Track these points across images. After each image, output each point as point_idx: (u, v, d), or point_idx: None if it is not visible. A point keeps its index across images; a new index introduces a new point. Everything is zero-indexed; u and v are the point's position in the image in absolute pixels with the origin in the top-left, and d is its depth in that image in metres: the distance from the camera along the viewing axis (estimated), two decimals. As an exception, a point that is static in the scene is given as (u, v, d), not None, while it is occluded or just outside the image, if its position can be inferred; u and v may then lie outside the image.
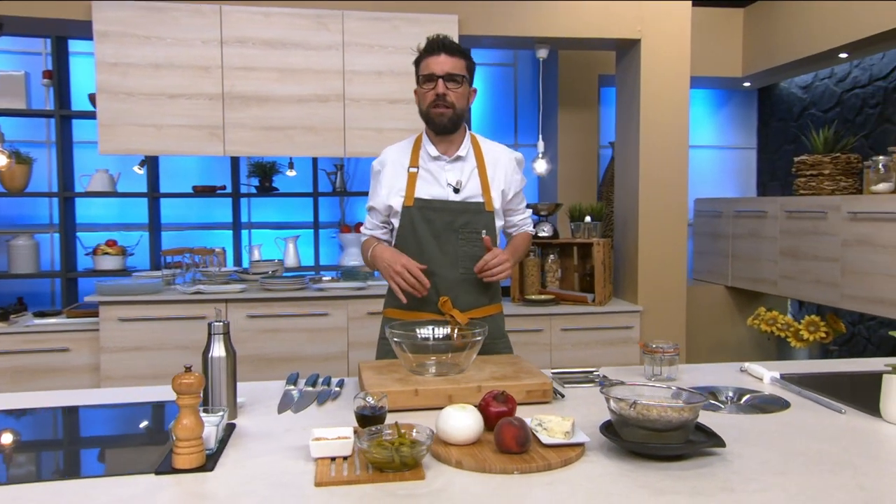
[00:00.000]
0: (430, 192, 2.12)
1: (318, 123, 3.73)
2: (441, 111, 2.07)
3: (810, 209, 4.16)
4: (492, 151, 2.20)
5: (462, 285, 2.11)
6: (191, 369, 1.31)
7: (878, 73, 4.50)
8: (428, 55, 2.09)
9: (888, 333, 3.54)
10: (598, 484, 1.21)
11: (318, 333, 3.67)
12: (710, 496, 1.15)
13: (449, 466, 1.29)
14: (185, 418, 1.29)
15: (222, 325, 1.60)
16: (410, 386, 1.65)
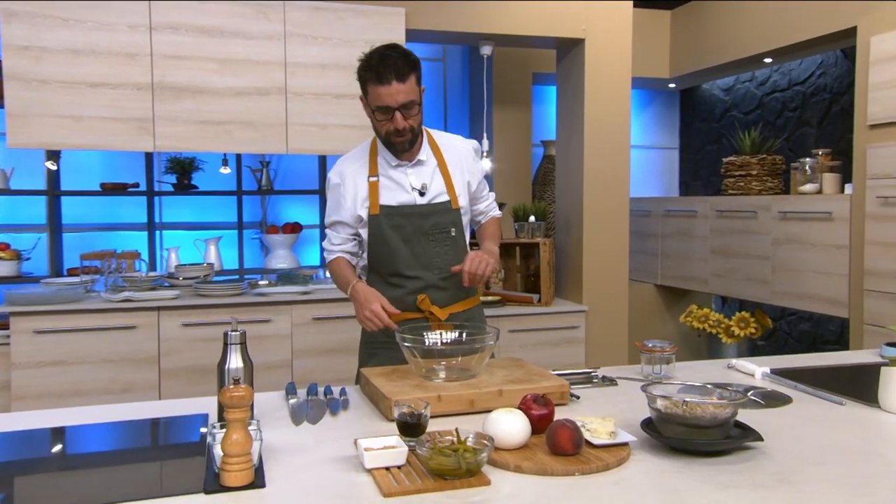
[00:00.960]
0: (395, 198, 2.14)
1: (258, 118, 3.65)
2: (402, 139, 2.08)
3: (741, 209, 4.46)
4: (450, 147, 2.23)
5: (438, 284, 2.16)
6: (239, 382, 1.28)
7: (797, 77, 4.88)
8: (378, 84, 1.98)
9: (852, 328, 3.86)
10: (661, 481, 1.29)
11: (259, 342, 3.59)
12: (772, 488, 1.25)
13: (507, 471, 1.33)
14: (235, 433, 1.27)
15: (239, 334, 1.57)
16: (430, 392, 1.68)
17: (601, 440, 1.41)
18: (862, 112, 3.68)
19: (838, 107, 4.58)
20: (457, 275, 2.15)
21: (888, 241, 3.51)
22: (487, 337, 1.74)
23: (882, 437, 1.54)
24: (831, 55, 4.62)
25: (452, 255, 2.18)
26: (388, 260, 2.16)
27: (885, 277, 3.53)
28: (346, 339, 3.68)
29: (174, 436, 1.65)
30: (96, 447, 1.58)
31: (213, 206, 4.80)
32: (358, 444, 1.38)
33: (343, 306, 3.67)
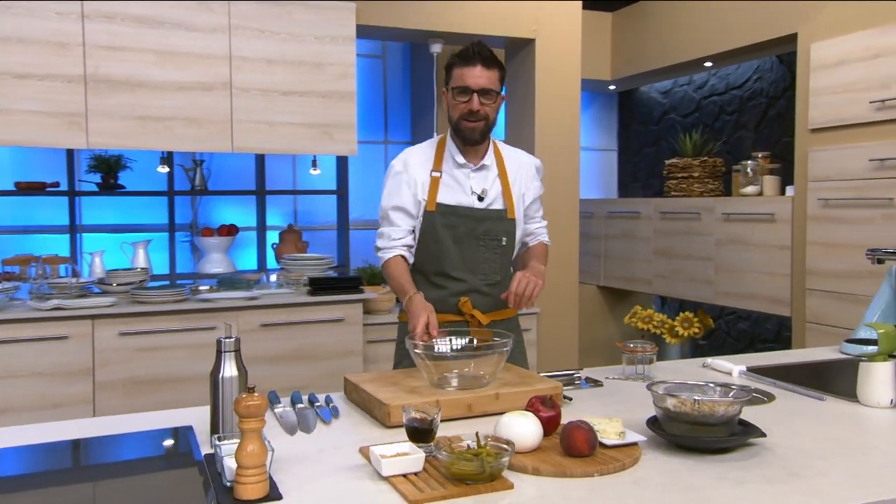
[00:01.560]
0: (454, 198, 2.20)
1: (201, 114, 3.56)
2: (473, 125, 2.15)
3: (685, 210, 4.64)
4: (513, 158, 2.31)
5: (482, 290, 2.21)
6: (253, 391, 1.26)
7: (734, 82, 5.11)
8: (463, 64, 2.11)
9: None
10: (677, 479, 1.34)
11: (203, 350, 3.50)
12: (784, 483, 1.32)
13: (525, 474, 1.36)
14: (251, 444, 1.24)
15: (233, 341, 1.54)
16: (426, 397, 1.68)
17: (612, 440, 1.45)
18: (803, 117, 3.89)
19: (774, 111, 4.83)
20: (500, 284, 2.21)
21: (829, 241, 3.72)
22: (501, 343, 1.75)
23: (871, 431, 1.64)
24: (767, 61, 4.86)
25: (500, 263, 2.24)
26: (436, 259, 2.20)
27: (827, 277, 3.74)
28: (296, 346, 3.63)
29: (159, 450, 1.59)
30: (78, 463, 1.52)
31: (139, 208, 4.64)
32: (371, 452, 1.38)
33: (293, 312, 3.62)
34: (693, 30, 4.75)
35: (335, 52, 3.75)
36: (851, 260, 3.61)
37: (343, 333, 3.71)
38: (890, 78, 3.43)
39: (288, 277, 3.92)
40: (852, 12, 3.66)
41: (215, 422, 1.51)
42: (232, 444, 1.35)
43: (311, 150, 3.77)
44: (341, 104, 3.77)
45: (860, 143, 3.57)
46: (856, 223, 3.59)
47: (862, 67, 3.55)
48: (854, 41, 3.58)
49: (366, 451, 1.47)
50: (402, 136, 5.56)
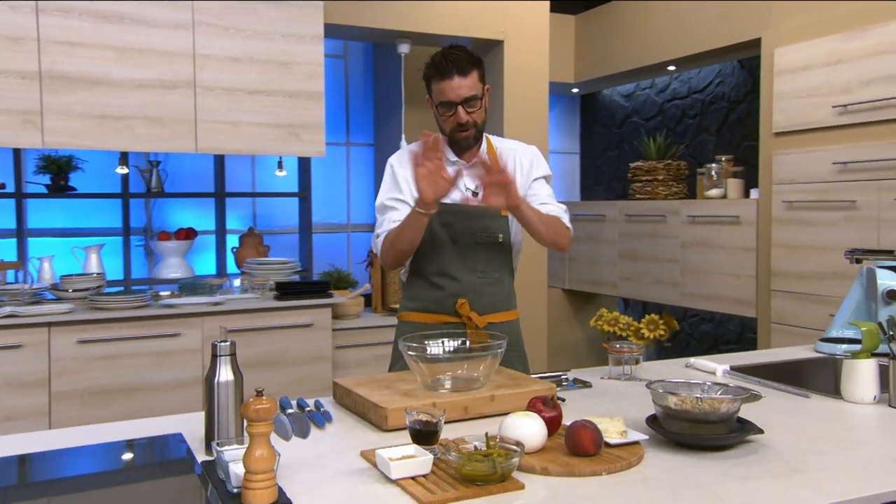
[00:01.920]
0: (449, 196, 2.16)
1: (164, 113, 3.50)
2: (465, 134, 2.16)
3: (651, 213, 4.73)
4: (507, 151, 2.30)
5: (479, 289, 2.21)
6: (262, 394, 1.25)
7: (696, 86, 5.24)
8: (440, 78, 2.10)
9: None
10: (683, 476, 1.37)
11: (167, 357, 3.44)
12: (788, 478, 1.36)
13: (533, 474, 1.37)
14: (259, 448, 1.23)
15: (229, 345, 1.52)
16: (421, 399, 1.69)
17: (615, 440, 1.48)
18: (767, 120, 4.01)
19: (736, 115, 4.96)
20: (499, 282, 2.21)
21: (794, 243, 3.84)
22: (494, 345, 1.77)
23: (859, 426, 1.71)
24: (729, 65, 5.00)
25: (498, 261, 2.25)
26: (432, 257, 2.20)
27: (791, 278, 3.86)
28: (263, 353, 3.59)
29: (154, 457, 1.57)
30: (69, 472, 1.48)
31: (90, 211, 4.54)
32: (377, 455, 1.38)
33: (260, 317, 3.58)
34: (657, 33, 4.85)
35: (303, 50, 3.72)
36: (816, 261, 3.73)
37: (311, 339, 3.68)
38: (852, 83, 3.56)
39: (252, 282, 3.88)
40: (815, 18, 3.79)
41: (210, 428, 1.49)
42: (235, 449, 1.34)
43: (278, 151, 3.74)
44: (309, 104, 3.74)
45: (824, 146, 3.70)
46: (820, 225, 3.71)
47: (825, 73, 3.68)
48: (817, 47, 3.71)
49: (368, 455, 1.47)
50: (364, 137, 5.54)
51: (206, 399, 1.50)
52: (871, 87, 3.48)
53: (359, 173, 5.63)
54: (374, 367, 3.87)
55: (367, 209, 5.65)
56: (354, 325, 3.89)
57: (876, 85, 3.46)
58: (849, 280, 3.55)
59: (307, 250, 4.98)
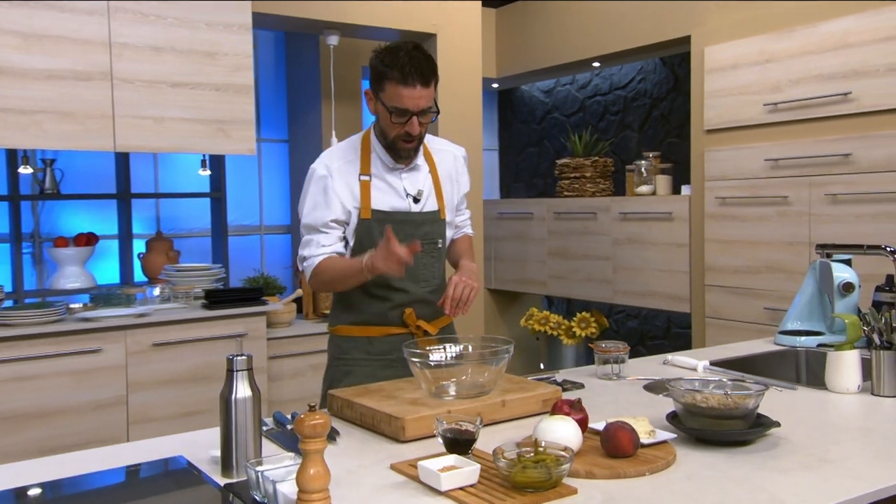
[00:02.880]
0: (388, 202, 2.14)
1: (77, 108, 3.32)
2: (409, 146, 2.10)
3: (580, 210, 4.88)
4: (441, 152, 2.27)
5: (424, 298, 2.18)
6: (315, 408, 1.22)
7: (618, 82, 5.45)
8: (401, 83, 1.98)
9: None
10: (723, 471, 1.44)
11: (89, 376, 3.27)
12: (820, 468, 1.45)
13: (579, 478, 1.41)
14: (314, 466, 1.21)
15: (245, 359, 1.48)
16: (435, 409, 1.69)
17: (647, 440, 1.54)
18: (698, 118, 4.22)
19: (658, 112, 5.19)
20: (440, 289, 2.17)
21: (727, 238, 4.07)
22: (503, 350, 1.78)
23: (857, 415, 1.84)
24: (650, 62, 5.22)
25: (438, 267, 2.22)
26: None
27: (725, 273, 4.08)
28: (193, 367, 3.46)
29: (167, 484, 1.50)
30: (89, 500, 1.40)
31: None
32: (421, 467, 1.38)
33: (189, 328, 3.45)
34: (582, 30, 5.01)
35: (229, 40, 3.62)
36: (749, 256, 3.96)
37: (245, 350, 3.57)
38: (781, 82, 3.81)
39: (175, 290, 3.74)
40: (745, 18, 4.02)
41: (228, 447, 1.44)
42: (276, 468, 1.30)
43: (206, 149, 3.62)
44: (238, 98, 3.64)
45: (755, 143, 3.93)
46: (752, 221, 3.95)
47: (755, 71, 3.91)
48: (747, 45, 3.94)
49: (400, 467, 1.47)
50: (277, 133, 5.44)
51: (222, 417, 1.45)
52: (801, 86, 3.73)
53: (272, 172, 5.51)
54: (311, 378, 3.81)
55: (281, 210, 5.54)
56: (287, 333, 3.81)
57: (805, 84, 3.71)
58: (782, 274, 3.81)
59: (223, 255, 4.84)
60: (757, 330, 3.87)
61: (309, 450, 1.21)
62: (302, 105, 5.10)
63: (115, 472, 1.48)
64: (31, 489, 1.40)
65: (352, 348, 2.21)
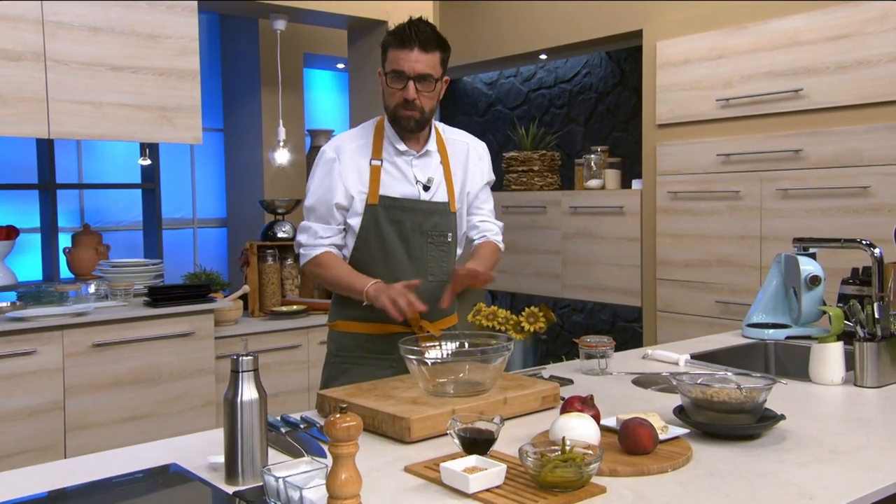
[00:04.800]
0: (397, 189, 2.11)
1: (7, 90, 3.12)
2: (409, 114, 2.06)
3: (529, 204, 4.91)
4: (455, 142, 2.24)
5: (430, 294, 2.11)
6: (346, 410, 1.17)
7: (563, 75, 5.49)
8: (398, 47, 2.01)
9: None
10: (744, 466, 1.45)
11: (23, 380, 3.08)
12: (836, 461, 1.48)
13: (603, 476, 1.39)
14: (345, 471, 1.16)
15: (251, 360, 1.40)
16: (440, 409, 1.65)
17: (662, 435, 1.54)
18: (650, 112, 4.29)
19: (604, 106, 5.26)
20: (446, 286, 2.10)
21: (678, 232, 4.15)
22: (503, 347, 1.76)
23: (849, 405, 1.90)
24: (596, 56, 5.28)
25: (447, 263, 2.17)
26: (379, 259, 2.10)
27: (676, 266, 4.17)
28: (135, 368, 3.31)
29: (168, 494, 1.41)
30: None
31: None
32: (444, 468, 1.34)
33: (131, 327, 3.30)
34: (529, 22, 5.02)
35: (174, 22, 3.47)
36: (700, 249, 4.05)
37: (190, 350, 3.45)
38: (733, 77, 3.90)
39: (112, 287, 3.57)
40: (696, 13, 4.10)
41: (233, 453, 1.37)
42: (297, 473, 1.24)
43: (148, 137, 3.46)
44: (182, 84, 3.50)
45: (707, 138, 4.02)
46: (704, 215, 4.04)
47: (707, 66, 4.00)
48: (699, 41, 4.03)
49: (415, 469, 1.43)
50: (211, 122, 5.28)
51: (227, 421, 1.38)
52: (752, 82, 3.83)
53: (206, 162, 5.35)
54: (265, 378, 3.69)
55: (216, 202, 5.38)
56: (234, 331, 3.69)
57: (756, 80, 3.81)
58: (733, 267, 3.91)
59: (156, 249, 4.67)
60: (708, 323, 3.97)
61: (341, 454, 1.16)
62: (239, 93, 4.96)
63: (103, 482, 1.39)
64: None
65: (352, 345, 2.17)
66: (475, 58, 5.41)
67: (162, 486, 1.42)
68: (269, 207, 4.09)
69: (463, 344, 1.89)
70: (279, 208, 4.07)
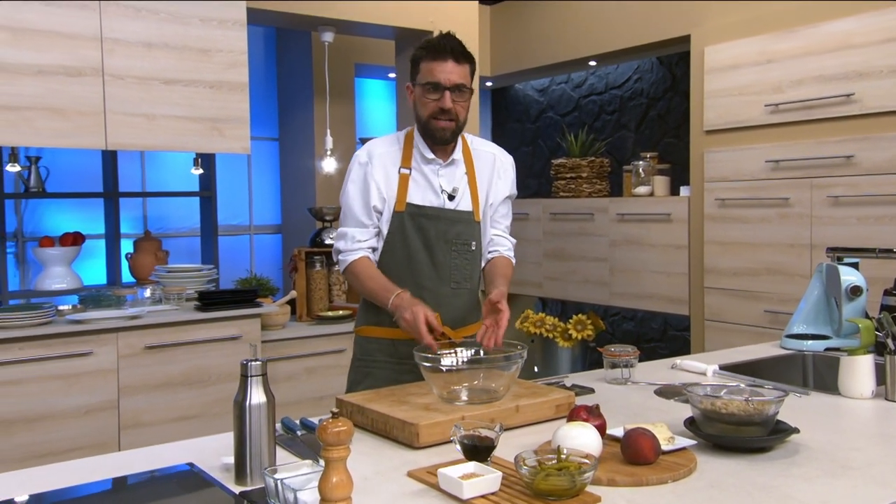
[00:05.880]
0: (423, 197, 2.16)
1: (68, 104, 3.28)
2: (445, 125, 2.12)
3: (577, 211, 4.89)
4: (481, 153, 2.28)
5: (451, 301, 2.16)
6: (338, 415, 1.21)
7: (614, 81, 5.45)
8: (433, 59, 2.08)
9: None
10: (748, 479, 1.44)
11: (79, 380, 3.23)
12: (845, 476, 1.45)
13: (601, 486, 1.40)
14: (336, 474, 1.20)
15: (260, 364, 1.46)
16: (450, 415, 1.68)
17: (667, 446, 1.53)
18: (698, 118, 4.23)
19: (655, 112, 5.20)
20: (470, 293, 2.21)
21: (726, 240, 4.08)
22: (516, 355, 1.78)
23: (873, 420, 1.85)
24: (647, 62, 5.23)
25: (471, 270, 2.22)
26: (403, 265, 2.15)
27: (724, 275, 4.10)
28: (186, 370, 3.43)
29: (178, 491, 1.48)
30: None
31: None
32: (441, 474, 1.37)
33: (182, 331, 3.42)
34: (579, 28, 5.01)
35: (224, 37, 3.59)
36: (748, 258, 3.98)
37: (238, 353, 3.55)
38: (782, 82, 3.83)
39: (167, 292, 3.70)
40: (745, 17, 4.04)
41: (242, 454, 1.42)
42: (296, 476, 1.29)
43: (199, 147, 3.59)
44: (232, 96, 3.61)
45: (756, 144, 3.95)
46: (752, 222, 3.96)
47: (755, 71, 3.93)
48: (747, 46, 3.96)
49: (418, 475, 1.46)
50: (267, 131, 5.42)
51: (236, 424, 1.43)
52: (802, 87, 3.75)
53: (261, 171, 5.49)
54: (306, 381, 3.79)
55: (272, 209, 5.52)
56: (281, 336, 3.79)
57: (806, 85, 3.73)
58: (782, 276, 3.83)
59: (212, 255, 4.81)
60: (757, 333, 3.89)
61: (332, 457, 1.20)
62: (293, 103, 5.08)
63: (120, 480, 1.46)
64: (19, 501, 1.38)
65: (375, 350, 2.22)
66: (524, 65, 5.42)
67: (175, 484, 1.48)
68: (318, 215, 4.18)
69: (478, 351, 1.91)
70: (327, 215, 4.16)
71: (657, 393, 2.10)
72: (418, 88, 2.14)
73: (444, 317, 2.11)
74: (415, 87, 2.16)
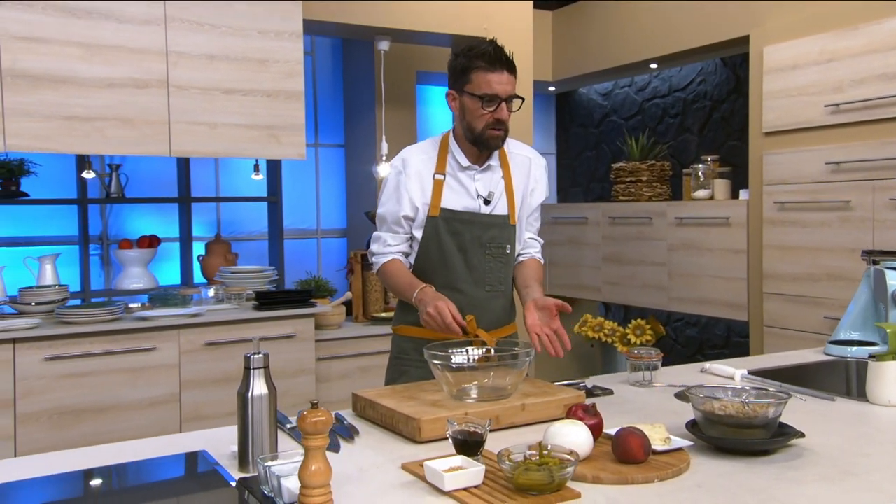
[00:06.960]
0: (458, 202, 2.20)
1: (135, 114, 3.46)
2: (498, 134, 2.15)
3: (636, 215, 4.83)
4: (517, 156, 2.30)
5: (487, 304, 2.21)
6: (317, 406, 1.27)
7: (677, 84, 5.37)
8: (488, 70, 2.09)
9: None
10: (737, 480, 1.42)
11: (142, 373, 3.40)
12: (843, 481, 1.42)
13: (585, 483, 1.41)
14: (315, 462, 1.25)
15: (262, 357, 1.53)
16: (452, 410, 1.71)
17: (661, 446, 1.53)
18: (757, 120, 4.13)
19: (718, 114, 5.10)
20: (504, 296, 2.27)
21: (786, 244, 3.97)
22: (523, 354, 1.80)
23: (891, 428, 1.79)
24: (710, 63, 5.13)
25: (504, 273, 2.25)
26: (438, 269, 2.20)
27: (784, 280, 3.98)
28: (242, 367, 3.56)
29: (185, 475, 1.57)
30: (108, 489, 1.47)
31: (40, 218, 4.45)
32: (426, 467, 1.41)
33: (239, 329, 3.56)
34: (639, 31, 4.96)
35: (281, 48, 3.72)
36: (809, 263, 3.86)
37: (293, 351, 3.67)
38: (843, 82, 3.70)
39: (228, 292, 3.85)
40: (805, 16, 3.92)
41: (245, 443, 1.50)
42: (283, 464, 1.35)
43: (256, 153, 3.73)
44: (288, 104, 3.74)
45: (816, 146, 3.83)
46: (812, 226, 3.84)
47: (815, 71, 3.81)
48: (807, 45, 3.84)
49: (411, 467, 1.50)
50: (334, 138, 5.55)
51: (239, 414, 1.51)
52: (864, 86, 3.62)
53: (328, 176, 5.63)
54: (359, 380, 3.87)
55: (338, 213, 5.65)
56: (336, 335, 3.89)
57: (868, 84, 3.60)
58: (843, 282, 3.69)
59: (278, 257, 4.96)
60: (816, 340, 3.76)
61: (311, 446, 1.25)
62: (357, 110, 5.19)
63: (132, 465, 1.55)
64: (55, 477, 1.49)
65: (410, 349, 2.27)
66: (587, 69, 5.39)
67: (181, 469, 1.57)
68: (374, 218, 4.27)
69: (489, 350, 1.94)
70: (383, 219, 4.24)
71: (677, 396, 2.08)
72: (470, 99, 2.13)
73: (479, 319, 2.12)
74: (461, 94, 2.16)
